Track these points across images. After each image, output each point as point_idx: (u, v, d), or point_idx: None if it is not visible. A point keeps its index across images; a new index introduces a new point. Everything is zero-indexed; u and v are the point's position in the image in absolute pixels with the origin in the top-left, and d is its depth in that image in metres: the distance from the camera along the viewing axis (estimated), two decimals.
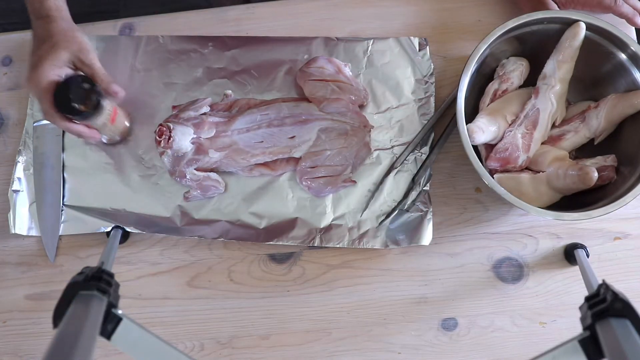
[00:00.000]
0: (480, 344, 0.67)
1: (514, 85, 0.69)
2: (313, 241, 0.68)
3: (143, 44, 0.77)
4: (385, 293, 0.68)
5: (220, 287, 0.69)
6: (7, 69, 0.78)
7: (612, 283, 0.47)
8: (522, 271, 0.69)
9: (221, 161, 0.69)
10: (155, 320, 0.68)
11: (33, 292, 0.70)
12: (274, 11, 0.79)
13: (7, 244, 0.72)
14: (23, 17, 0.68)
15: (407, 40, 0.75)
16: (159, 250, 0.71)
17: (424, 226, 0.68)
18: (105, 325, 0.44)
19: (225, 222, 0.69)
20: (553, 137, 0.68)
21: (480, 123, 0.65)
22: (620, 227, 0.69)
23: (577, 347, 0.42)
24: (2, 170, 0.74)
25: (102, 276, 0.47)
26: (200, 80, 0.75)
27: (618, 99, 0.65)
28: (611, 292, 0.44)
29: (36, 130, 0.74)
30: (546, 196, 0.65)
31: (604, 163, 0.65)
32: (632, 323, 0.41)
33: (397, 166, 0.70)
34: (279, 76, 0.74)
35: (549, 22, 0.66)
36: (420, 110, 0.72)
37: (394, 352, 0.67)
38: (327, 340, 0.67)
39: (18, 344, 0.69)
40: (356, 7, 0.78)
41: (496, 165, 0.67)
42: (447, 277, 0.68)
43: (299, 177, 0.69)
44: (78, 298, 0.43)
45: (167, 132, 0.68)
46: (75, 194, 0.72)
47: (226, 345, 0.68)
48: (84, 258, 0.71)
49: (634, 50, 0.64)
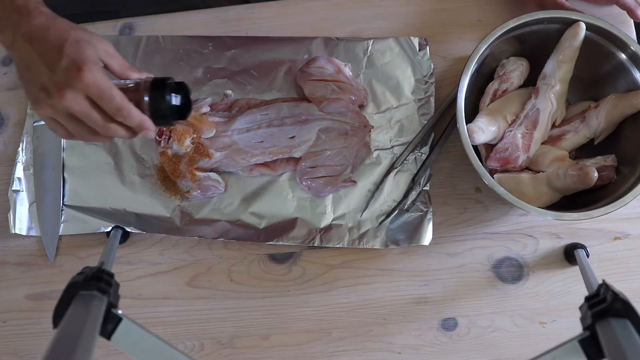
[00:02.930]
0: (480, 344, 0.67)
1: (514, 85, 0.69)
2: (313, 241, 0.68)
3: (143, 44, 0.77)
4: (385, 293, 0.68)
5: (220, 287, 0.69)
6: (7, 69, 0.78)
7: (612, 283, 0.47)
8: (522, 271, 0.69)
9: (221, 161, 0.69)
10: (155, 320, 0.68)
11: (33, 292, 0.70)
12: (274, 11, 0.79)
13: (7, 244, 0.72)
14: None
15: (407, 40, 0.75)
16: (159, 250, 0.71)
17: (424, 226, 0.68)
18: (105, 325, 0.44)
19: (225, 222, 0.69)
20: (553, 137, 0.68)
21: (480, 123, 0.65)
22: (620, 227, 0.69)
23: (577, 347, 0.42)
24: (2, 170, 0.74)
25: (102, 276, 0.47)
26: (200, 80, 0.75)
27: (618, 99, 0.65)
28: (611, 292, 0.44)
29: (36, 130, 0.74)
30: (546, 196, 0.65)
31: (604, 163, 0.65)
32: (632, 323, 0.41)
33: (397, 166, 0.70)
34: (279, 76, 0.74)
35: (549, 22, 0.66)
36: (420, 110, 0.72)
37: (394, 352, 0.67)
38: (327, 340, 0.67)
39: (18, 344, 0.69)
40: (356, 7, 0.78)
41: (496, 165, 0.67)
42: (447, 277, 0.68)
43: (299, 177, 0.69)
44: (78, 298, 0.43)
45: (167, 132, 0.68)
46: (75, 194, 0.72)
47: (226, 345, 0.68)
48: (84, 258, 0.71)
49: (634, 50, 0.64)
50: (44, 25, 0.51)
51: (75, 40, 0.51)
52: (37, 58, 0.51)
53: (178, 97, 0.56)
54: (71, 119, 0.52)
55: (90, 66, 0.50)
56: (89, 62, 0.50)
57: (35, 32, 0.51)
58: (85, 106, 0.51)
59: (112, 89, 0.51)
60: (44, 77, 0.51)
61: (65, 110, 0.51)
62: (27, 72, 0.52)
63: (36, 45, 0.51)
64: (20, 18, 0.52)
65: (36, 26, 0.51)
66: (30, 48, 0.51)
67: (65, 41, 0.50)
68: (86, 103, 0.51)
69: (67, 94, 0.49)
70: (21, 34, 0.52)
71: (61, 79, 0.50)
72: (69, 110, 0.51)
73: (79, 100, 0.50)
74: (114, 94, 0.51)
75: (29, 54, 0.51)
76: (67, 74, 0.49)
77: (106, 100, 0.51)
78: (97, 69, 0.50)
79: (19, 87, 0.77)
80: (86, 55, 0.50)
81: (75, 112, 0.51)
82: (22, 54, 0.52)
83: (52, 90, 0.50)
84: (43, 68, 0.51)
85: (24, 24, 0.52)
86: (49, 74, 0.50)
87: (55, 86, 0.50)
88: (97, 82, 0.50)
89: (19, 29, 0.52)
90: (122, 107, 0.51)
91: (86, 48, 0.51)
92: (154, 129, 0.55)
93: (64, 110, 0.51)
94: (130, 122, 0.53)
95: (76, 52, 0.50)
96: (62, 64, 0.50)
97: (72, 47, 0.50)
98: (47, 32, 0.51)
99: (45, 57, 0.51)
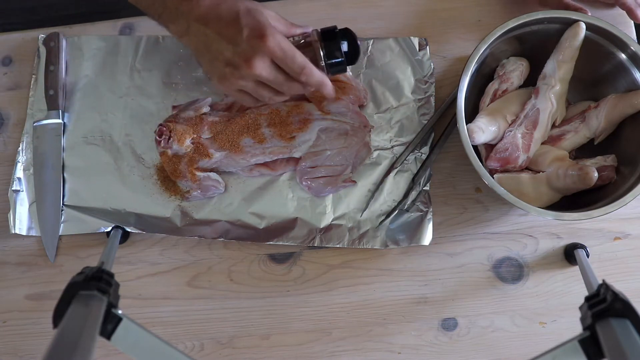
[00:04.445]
0: (480, 344, 0.67)
1: (514, 85, 0.69)
2: (313, 241, 0.68)
3: (143, 44, 0.77)
4: (385, 293, 0.68)
5: (220, 287, 0.69)
6: (7, 69, 0.78)
7: (612, 283, 0.47)
8: (522, 271, 0.69)
9: (221, 161, 0.69)
10: (155, 320, 0.68)
11: (33, 292, 0.70)
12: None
13: (7, 244, 0.72)
14: (23, 17, 0.68)
15: (407, 40, 0.75)
16: (159, 250, 0.71)
17: (424, 226, 0.68)
18: (105, 325, 0.44)
19: (225, 222, 0.69)
20: (553, 137, 0.68)
21: (480, 123, 0.65)
22: (620, 227, 0.69)
23: (577, 347, 0.42)
24: (2, 170, 0.74)
25: (102, 276, 0.47)
26: (200, 80, 0.75)
27: (618, 99, 0.65)
28: (611, 292, 0.44)
29: (36, 130, 0.74)
30: (546, 196, 0.65)
31: (604, 163, 0.65)
32: (632, 323, 0.41)
33: (397, 166, 0.70)
34: None
35: (549, 22, 0.66)
36: (420, 110, 0.72)
37: (394, 352, 0.67)
38: (327, 340, 0.67)
39: (18, 344, 0.69)
40: (356, 7, 0.78)
41: (496, 165, 0.67)
42: (447, 277, 0.68)
43: (299, 177, 0.69)
44: (78, 298, 0.43)
45: (167, 132, 0.68)
46: (75, 194, 0.72)
47: (226, 345, 0.68)
48: (84, 258, 0.71)
49: (634, 50, 0.64)
50: (214, 4, 0.54)
51: (246, 11, 0.53)
52: (215, 37, 0.53)
53: (346, 43, 0.58)
54: (259, 85, 0.55)
55: (271, 30, 0.52)
56: (268, 27, 0.52)
57: (207, 13, 0.54)
58: (273, 71, 0.53)
59: (294, 49, 0.53)
60: (227, 53, 0.53)
61: (255, 79, 0.53)
62: (208, 53, 0.54)
63: (212, 25, 0.54)
64: (190, 3, 0.54)
65: (206, 7, 0.54)
66: (205, 29, 0.54)
67: (238, 13, 0.52)
68: (273, 67, 0.53)
69: (256, 62, 0.52)
70: (194, 18, 0.54)
71: (246, 49, 0.52)
72: (259, 77, 0.53)
73: (266, 66, 0.53)
74: (296, 54, 0.53)
75: (206, 35, 0.54)
76: (252, 42, 0.52)
77: (290, 61, 0.53)
78: (276, 33, 0.52)
79: (19, 87, 0.77)
80: (263, 22, 0.52)
81: (264, 79, 0.53)
82: (199, 37, 0.54)
83: (239, 63, 0.52)
84: (224, 44, 0.53)
85: (194, 8, 0.54)
86: (232, 48, 0.53)
87: (242, 57, 0.52)
88: (280, 45, 0.52)
89: (190, 14, 0.54)
90: (304, 66, 0.54)
91: (259, 15, 0.53)
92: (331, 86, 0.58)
93: (253, 79, 0.53)
94: (312, 80, 0.55)
95: (253, 21, 0.52)
96: (244, 35, 0.52)
97: (247, 17, 0.52)
98: (219, 9, 0.53)
99: (224, 33, 0.53)
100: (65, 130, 0.74)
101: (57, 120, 0.73)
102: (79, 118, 0.74)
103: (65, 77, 0.76)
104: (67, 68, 0.76)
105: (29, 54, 0.78)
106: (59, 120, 0.73)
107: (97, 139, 0.73)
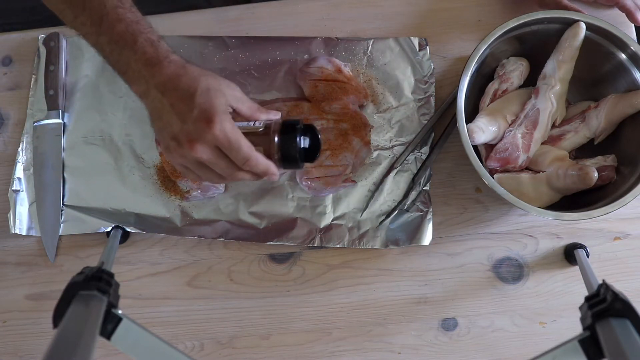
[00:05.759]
0: (480, 344, 0.67)
1: (514, 85, 0.69)
2: (313, 241, 0.68)
3: None
4: (385, 293, 0.68)
5: (220, 287, 0.69)
6: (7, 69, 0.78)
7: (612, 283, 0.47)
8: (522, 271, 0.69)
9: None
10: (155, 320, 0.68)
11: (33, 292, 0.70)
12: (274, 11, 0.79)
13: (7, 244, 0.72)
14: (23, 17, 0.68)
15: (407, 40, 0.75)
16: (159, 250, 0.71)
17: (424, 226, 0.68)
18: (105, 325, 0.44)
19: (225, 222, 0.69)
20: (553, 137, 0.68)
21: (480, 123, 0.65)
22: (620, 227, 0.69)
23: (577, 347, 0.42)
24: (2, 170, 0.74)
25: (102, 276, 0.47)
26: None
27: (618, 99, 0.65)
28: (611, 292, 0.44)
29: (36, 130, 0.74)
30: (546, 196, 0.65)
31: (604, 163, 0.65)
32: (632, 323, 0.41)
33: (397, 166, 0.70)
34: (279, 76, 0.74)
35: (549, 22, 0.66)
36: (420, 110, 0.72)
37: (394, 352, 0.67)
38: (327, 340, 0.67)
39: (18, 344, 0.69)
40: (356, 7, 0.78)
41: (496, 165, 0.67)
42: (447, 277, 0.68)
43: (299, 177, 0.69)
44: (78, 298, 0.43)
45: None
46: (75, 194, 0.72)
47: (226, 345, 0.68)
48: (84, 258, 0.71)
49: (634, 50, 0.64)
50: (175, 74, 0.52)
51: (205, 90, 0.51)
52: (169, 108, 0.52)
53: (307, 139, 0.57)
54: (200, 166, 0.53)
55: (220, 117, 0.50)
56: (219, 112, 0.51)
57: (166, 82, 0.52)
58: (214, 156, 0.52)
59: (240, 139, 0.52)
60: (175, 127, 0.52)
61: (195, 160, 0.52)
62: (159, 121, 0.53)
63: (168, 95, 0.52)
64: (152, 69, 0.53)
65: (167, 76, 0.52)
66: (162, 98, 0.52)
67: (196, 90, 0.51)
68: (215, 153, 0.52)
69: (197, 145, 0.50)
70: (154, 84, 0.52)
71: (192, 130, 0.51)
72: (199, 160, 0.52)
73: (207, 151, 0.51)
74: (242, 145, 0.51)
75: (161, 103, 0.52)
76: (198, 125, 0.50)
77: (234, 152, 0.52)
78: (226, 120, 0.51)
79: (19, 87, 0.77)
80: (216, 106, 0.51)
81: (204, 162, 0.52)
82: (155, 104, 0.53)
83: (182, 141, 0.51)
84: (174, 118, 0.52)
85: (156, 74, 0.52)
86: (180, 124, 0.51)
87: (186, 137, 0.51)
88: (226, 135, 0.50)
89: (151, 79, 0.53)
90: (249, 158, 0.52)
91: (216, 97, 0.51)
92: (278, 174, 0.56)
93: (193, 160, 0.52)
94: (256, 171, 0.54)
95: (206, 103, 0.51)
96: (193, 115, 0.50)
97: (202, 97, 0.51)
98: (179, 82, 0.52)
99: (177, 107, 0.52)
100: (65, 130, 0.74)
101: (57, 120, 0.73)
102: (79, 118, 0.74)
103: (65, 77, 0.76)
104: (67, 68, 0.76)
105: (29, 54, 0.78)
106: (59, 120, 0.73)
107: (97, 139, 0.73)
